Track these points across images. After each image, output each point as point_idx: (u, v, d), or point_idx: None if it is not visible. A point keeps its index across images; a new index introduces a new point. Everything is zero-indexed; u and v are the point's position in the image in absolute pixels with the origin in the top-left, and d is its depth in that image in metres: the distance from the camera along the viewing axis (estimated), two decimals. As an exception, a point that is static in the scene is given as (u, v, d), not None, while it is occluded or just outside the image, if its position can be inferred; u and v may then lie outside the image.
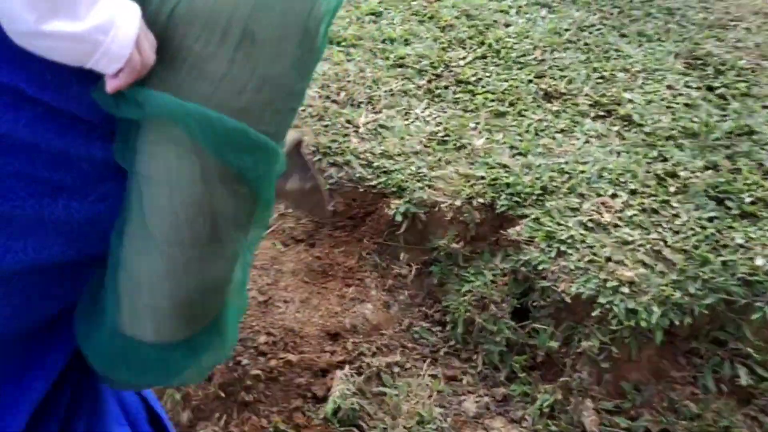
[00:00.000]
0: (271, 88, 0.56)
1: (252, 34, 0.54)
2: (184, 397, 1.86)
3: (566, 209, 2.04)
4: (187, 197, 0.56)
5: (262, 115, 0.57)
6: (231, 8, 0.53)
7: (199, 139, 0.54)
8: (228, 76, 0.54)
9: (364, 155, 2.23)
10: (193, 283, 0.59)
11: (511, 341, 1.94)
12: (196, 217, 0.56)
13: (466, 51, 2.80)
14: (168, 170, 0.56)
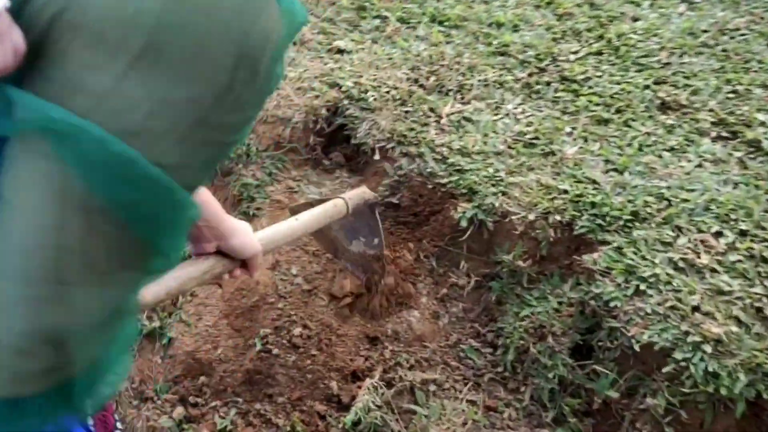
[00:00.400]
0: (173, 114, 0.47)
1: (158, 51, 0.45)
2: (209, 374, 1.83)
3: (656, 242, 1.76)
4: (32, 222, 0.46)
5: (157, 143, 0.47)
6: (133, 18, 0.44)
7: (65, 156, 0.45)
8: (114, 92, 0.45)
9: (440, 149, 2.05)
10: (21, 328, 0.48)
11: (566, 380, 1.72)
12: (37, 249, 0.46)
13: (580, 44, 2.52)
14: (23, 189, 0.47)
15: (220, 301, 1.97)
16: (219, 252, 1.16)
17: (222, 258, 1.17)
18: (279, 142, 2.23)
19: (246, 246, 1.16)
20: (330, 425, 1.67)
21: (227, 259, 1.18)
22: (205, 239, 1.13)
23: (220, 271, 1.18)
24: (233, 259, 1.18)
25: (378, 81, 2.30)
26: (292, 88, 2.31)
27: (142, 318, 1.93)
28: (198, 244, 1.14)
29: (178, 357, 1.87)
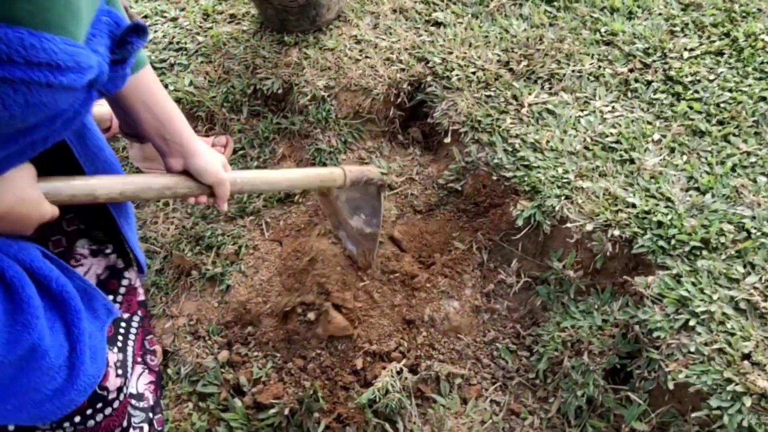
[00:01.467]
0: None
1: None
2: (256, 326, 1.93)
3: (721, 276, 1.63)
4: None
5: None
6: None
7: None
8: None
9: (512, 140, 1.98)
10: None
11: (595, 401, 1.67)
12: None
13: (699, 41, 2.29)
14: None
15: (278, 259, 2.07)
16: (187, 174, 1.20)
17: (188, 179, 1.20)
18: (358, 112, 2.25)
19: (209, 171, 1.19)
20: (350, 398, 1.73)
21: (193, 183, 1.20)
22: (169, 152, 1.18)
23: (183, 192, 1.21)
24: (200, 184, 1.21)
25: (467, 60, 2.24)
26: (380, 58, 2.30)
27: (206, 264, 2.07)
28: (165, 157, 1.19)
29: (231, 304, 2.00)
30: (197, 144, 1.19)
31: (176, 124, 1.15)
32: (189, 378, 1.89)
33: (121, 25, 0.89)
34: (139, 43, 0.91)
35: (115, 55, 0.89)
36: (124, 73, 0.94)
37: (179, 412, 1.84)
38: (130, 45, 0.90)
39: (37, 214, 0.96)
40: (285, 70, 2.34)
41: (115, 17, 0.88)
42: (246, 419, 1.78)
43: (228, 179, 1.24)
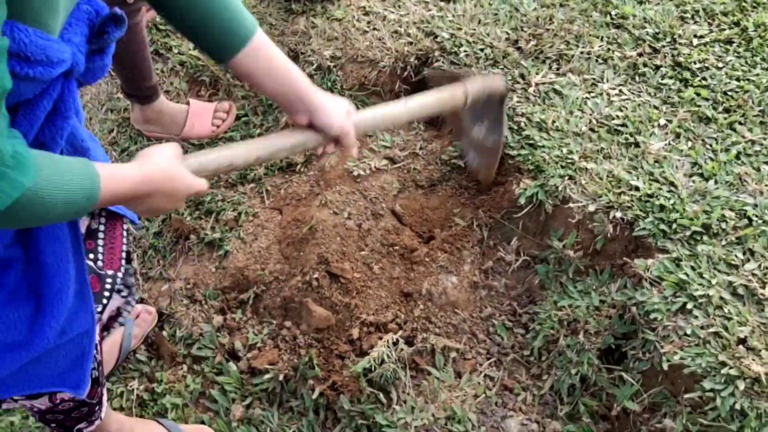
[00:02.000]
0: None
1: None
2: (253, 292, 1.93)
3: (721, 261, 1.64)
4: None
5: None
6: None
7: None
8: None
9: (518, 119, 1.97)
10: None
11: (588, 379, 1.68)
12: None
13: (709, 28, 2.29)
14: None
15: (277, 227, 2.07)
16: (312, 126, 1.23)
17: (313, 133, 1.23)
18: (364, 83, 2.24)
19: (333, 125, 1.22)
20: (345, 366, 1.74)
21: (318, 135, 1.23)
22: (294, 110, 1.20)
23: (311, 146, 1.25)
24: (327, 135, 1.23)
25: (475, 37, 2.22)
26: (388, 31, 2.29)
27: (205, 229, 2.06)
28: (291, 114, 1.23)
29: (229, 270, 2.00)
30: (319, 99, 1.20)
31: (298, 84, 1.16)
32: (184, 341, 1.89)
33: (102, 13, 0.87)
34: (117, 32, 0.90)
35: (92, 45, 0.87)
36: (103, 63, 0.93)
37: (173, 374, 1.85)
38: (106, 35, 0.88)
39: (185, 189, 1.02)
40: (291, 38, 2.32)
41: (95, 5, 0.87)
42: (240, 383, 1.79)
43: (353, 128, 1.25)
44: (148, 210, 1.00)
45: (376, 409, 1.67)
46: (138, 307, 1.89)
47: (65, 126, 0.87)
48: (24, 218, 0.77)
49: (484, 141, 1.85)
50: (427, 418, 1.66)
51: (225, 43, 1.07)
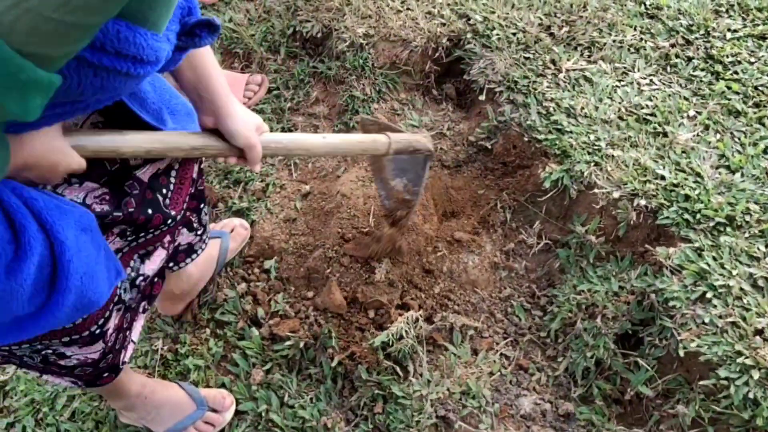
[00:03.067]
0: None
1: None
2: (277, 261, 1.97)
3: (743, 253, 1.65)
4: None
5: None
6: None
7: None
8: None
9: (547, 104, 1.99)
10: None
11: (603, 363, 1.71)
12: None
13: (743, 22, 2.27)
14: None
15: (303, 200, 2.10)
16: (218, 134, 1.17)
17: (218, 140, 1.17)
18: (395, 62, 2.26)
19: (240, 133, 1.16)
20: (364, 338, 1.77)
21: (224, 144, 1.17)
22: (202, 109, 1.16)
23: (212, 153, 1.18)
24: (231, 145, 1.17)
25: (508, 21, 2.23)
26: (421, 11, 2.30)
27: (233, 198, 2.10)
28: (198, 113, 1.18)
29: (255, 239, 2.04)
30: (232, 106, 1.16)
31: (214, 83, 1.13)
32: (208, 305, 1.94)
33: (193, 11, 0.89)
34: (209, 39, 0.91)
35: (180, 42, 0.89)
36: (180, 58, 0.95)
37: (197, 336, 1.90)
38: (197, 38, 0.90)
39: (65, 164, 0.97)
40: (326, 14, 2.34)
41: (190, 3, 0.89)
42: (261, 349, 1.84)
43: (260, 144, 1.20)
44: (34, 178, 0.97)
45: (393, 381, 1.71)
46: (234, 221, 1.98)
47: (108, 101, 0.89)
48: None
49: (402, 194, 1.80)
50: (442, 392, 1.70)
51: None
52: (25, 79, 0.59)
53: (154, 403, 1.62)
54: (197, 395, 1.69)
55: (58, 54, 0.60)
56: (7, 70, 0.57)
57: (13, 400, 1.76)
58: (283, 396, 1.74)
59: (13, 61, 0.56)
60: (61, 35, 0.57)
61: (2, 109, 0.61)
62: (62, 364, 1.20)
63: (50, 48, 0.58)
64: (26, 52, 0.56)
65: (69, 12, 0.54)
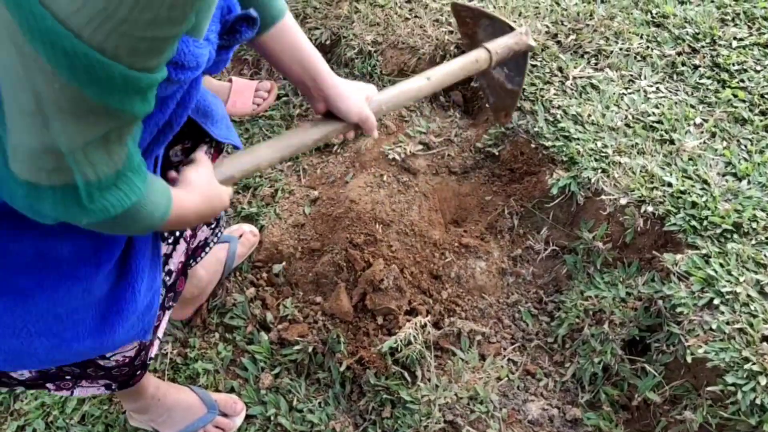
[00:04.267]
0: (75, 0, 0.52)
1: None
2: (286, 266, 1.99)
3: (750, 260, 1.66)
4: (12, 74, 0.58)
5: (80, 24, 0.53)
6: None
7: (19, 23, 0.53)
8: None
9: (554, 111, 2.00)
10: (29, 141, 0.63)
11: (611, 369, 1.71)
12: (23, 92, 0.59)
13: (749, 31, 2.29)
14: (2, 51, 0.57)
15: (312, 205, 2.12)
16: (332, 115, 1.25)
17: (332, 124, 1.25)
18: (403, 69, 2.28)
19: (351, 111, 1.24)
20: (372, 343, 1.79)
21: (339, 123, 1.26)
22: (313, 96, 1.24)
23: (332, 136, 1.27)
24: (347, 123, 1.25)
25: (515, 28, 2.25)
26: (429, 19, 2.32)
27: (242, 203, 2.12)
28: (310, 100, 1.26)
29: (264, 244, 2.06)
30: (339, 88, 1.23)
31: (320, 71, 1.20)
32: (217, 310, 1.96)
33: (233, 10, 0.92)
34: (249, 33, 0.94)
35: (222, 41, 0.92)
36: (227, 57, 0.98)
37: (206, 340, 1.91)
38: (238, 34, 0.93)
39: (221, 206, 1.06)
40: (334, 22, 2.36)
41: (228, 1, 0.91)
42: (270, 353, 1.85)
43: (372, 113, 1.27)
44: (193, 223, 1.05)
45: (401, 386, 1.72)
46: (244, 226, 1.99)
47: (185, 113, 0.93)
48: (122, 225, 0.79)
49: (504, 84, 1.83)
50: (450, 396, 1.71)
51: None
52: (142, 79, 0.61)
53: (166, 406, 1.63)
54: (209, 399, 1.71)
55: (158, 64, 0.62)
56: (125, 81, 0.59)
57: (24, 403, 1.78)
58: (291, 400, 1.75)
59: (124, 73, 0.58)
60: (155, 49, 0.60)
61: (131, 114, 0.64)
62: (101, 364, 1.22)
63: (150, 61, 0.61)
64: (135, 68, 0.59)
65: (158, 28, 0.57)
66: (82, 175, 0.67)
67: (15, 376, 1.16)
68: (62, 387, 1.27)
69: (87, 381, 1.29)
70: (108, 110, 0.61)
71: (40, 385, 1.23)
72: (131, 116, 0.65)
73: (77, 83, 0.57)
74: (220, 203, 1.06)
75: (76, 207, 0.70)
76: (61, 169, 0.66)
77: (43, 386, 1.24)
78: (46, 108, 0.59)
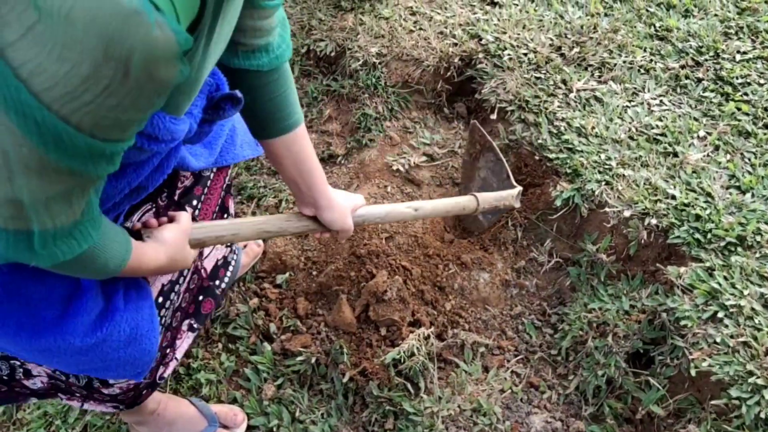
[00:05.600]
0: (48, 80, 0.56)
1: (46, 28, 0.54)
2: (290, 276, 1.99)
3: (753, 273, 1.65)
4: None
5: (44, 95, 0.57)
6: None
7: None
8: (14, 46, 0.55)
9: (558, 123, 2.01)
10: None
11: (614, 382, 1.71)
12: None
13: (752, 45, 2.30)
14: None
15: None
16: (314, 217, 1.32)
17: (315, 223, 1.33)
18: (407, 81, 2.29)
19: (336, 223, 1.31)
20: (376, 355, 1.78)
21: (320, 226, 1.33)
22: (303, 202, 1.29)
23: (311, 231, 1.36)
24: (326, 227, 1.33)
25: (519, 41, 2.26)
26: (434, 31, 2.33)
27: (246, 213, 2.13)
28: (298, 203, 1.31)
29: (267, 254, 2.06)
30: (329, 198, 1.28)
31: (315, 180, 1.24)
32: (220, 320, 1.96)
33: (221, 87, 0.95)
34: (232, 111, 0.98)
35: (206, 115, 0.95)
36: (210, 130, 1.01)
37: (209, 351, 1.91)
38: (222, 111, 0.96)
39: (183, 266, 1.10)
40: (339, 33, 2.38)
41: (218, 79, 0.95)
42: (273, 364, 1.85)
43: (352, 226, 1.35)
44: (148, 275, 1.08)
45: (404, 397, 1.72)
46: None
47: (161, 178, 0.96)
48: (73, 269, 0.82)
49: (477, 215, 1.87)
50: (453, 408, 1.70)
51: (269, 126, 1.15)
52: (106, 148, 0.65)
53: (166, 419, 1.63)
54: (208, 412, 1.70)
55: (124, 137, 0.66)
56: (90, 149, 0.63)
57: (26, 413, 1.78)
58: (294, 411, 1.75)
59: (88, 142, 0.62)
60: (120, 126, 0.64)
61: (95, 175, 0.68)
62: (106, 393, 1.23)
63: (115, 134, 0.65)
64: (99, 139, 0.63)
65: (122, 111, 0.60)
66: (40, 224, 0.70)
67: (28, 385, 1.18)
68: (73, 399, 1.28)
69: (95, 402, 1.31)
70: (72, 171, 0.64)
71: (52, 395, 1.25)
72: (95, 176, 0.68)
73: (44, 149, 0.60)
74: (183, 265, 1.09)
75: (27, 252, 0.73)
76: (20, 218, 0.69)
77: (55, 395, 1.26)
78: (12, 165, 0.62)
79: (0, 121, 0.58)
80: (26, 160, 0.61)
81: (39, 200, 0.67)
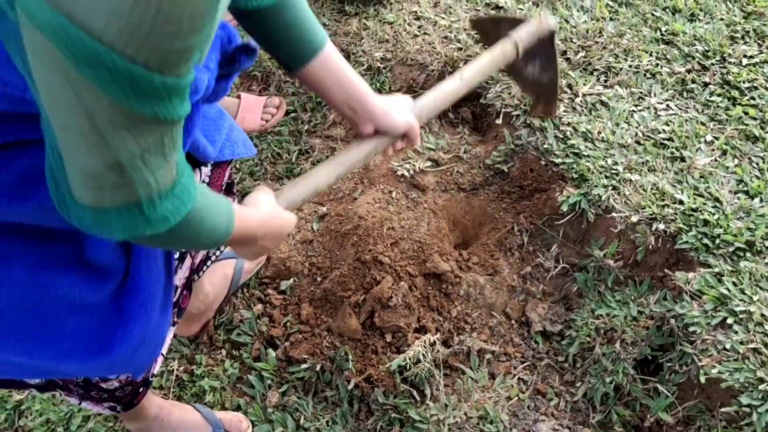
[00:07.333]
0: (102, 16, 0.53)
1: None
2: (293, 283, 1.98)
3: (763, 278, 1.64)
4: (63, 102, 0.60)
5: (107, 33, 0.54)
6: None
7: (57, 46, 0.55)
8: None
9: (564, 128, 1.99)
10: (92, 162, 0.65)
11: (622, 389, 1.69)
12: (76, 115, 0.61)
13: (759, 49, 2.28)
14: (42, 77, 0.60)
15: (320, 221, 2.11)
16: (377, 132, 1.30)
17: (380, 138, 1.31)
18: (412, 86, 2.28)
19: (396, 125, 1.29)
20: (381, 362, 1.77)
21: (386, 137, 1.31)
22: (358, 120, 1.27)
23: (381, 149, 1.33)
24: (391, 135, 1.31)
25: (524, 45, 2.25)
26: (438, 36, 2.32)
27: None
28: (356, 125, 1.29)
29: (271, 260, 2.05)
30: (381, 106, 1.26)
31: (364, 94, 1.23)
32: (224, 326, 1.94)
33: (233, 40, 0.93)
34: (248, 63, 0.97)
35: (222, 70, 0.93)
36: (227, 86, 1.00)
37: (212, 357, 1.89)
38: (237, 63, 0.95)
39: (288, 229, 1.09)
40: (343, 38, 2.37)
41: (228, 32, 0.93)
42: (277, 371, 1.83)
43: (416, 121, 1.33)
44: (257, 251, 1.06)
45: (410, 404, 1.70)
46: None
47: (188, 140, 0.94)
48: (186, 237, 0.82)
49: (540, 78, 1.86)
50: (459, 416, 1.68)
51: (298, 53, 1.14)
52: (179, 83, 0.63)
53: (170, 425, 1.61)
54: (213, 418, 1.69)
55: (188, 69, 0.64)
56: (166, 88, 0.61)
57: (29, 420, 1.76)
58: (299, 419, 1.73)
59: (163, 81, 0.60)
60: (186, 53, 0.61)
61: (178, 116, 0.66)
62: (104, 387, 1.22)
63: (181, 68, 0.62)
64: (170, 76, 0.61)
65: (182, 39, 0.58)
66: (143, 186, 0.69)
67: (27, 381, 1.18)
68: (71, 395, 1.27)
69: (92, 402, 1.29)
70: (157, 117, 0.63)
71: (50, 389, 1.25)
72: (177, 117, 0.66)
73: (125, 98, 0.59)
74: (286, 223, 1.08)
75: (140, 218, 0.72)
76: (122, 185, 0.68)
77: (54, 390, 1.25)
78: (101, 126, 0.61)
79: (77, 81, 0.57)
80: (112, 117, 0.61)
81: (136, 156, 0.66)
